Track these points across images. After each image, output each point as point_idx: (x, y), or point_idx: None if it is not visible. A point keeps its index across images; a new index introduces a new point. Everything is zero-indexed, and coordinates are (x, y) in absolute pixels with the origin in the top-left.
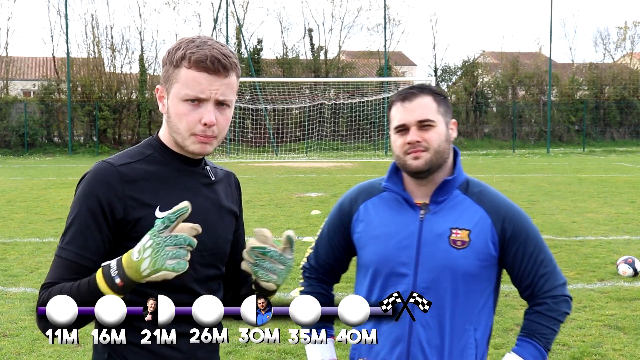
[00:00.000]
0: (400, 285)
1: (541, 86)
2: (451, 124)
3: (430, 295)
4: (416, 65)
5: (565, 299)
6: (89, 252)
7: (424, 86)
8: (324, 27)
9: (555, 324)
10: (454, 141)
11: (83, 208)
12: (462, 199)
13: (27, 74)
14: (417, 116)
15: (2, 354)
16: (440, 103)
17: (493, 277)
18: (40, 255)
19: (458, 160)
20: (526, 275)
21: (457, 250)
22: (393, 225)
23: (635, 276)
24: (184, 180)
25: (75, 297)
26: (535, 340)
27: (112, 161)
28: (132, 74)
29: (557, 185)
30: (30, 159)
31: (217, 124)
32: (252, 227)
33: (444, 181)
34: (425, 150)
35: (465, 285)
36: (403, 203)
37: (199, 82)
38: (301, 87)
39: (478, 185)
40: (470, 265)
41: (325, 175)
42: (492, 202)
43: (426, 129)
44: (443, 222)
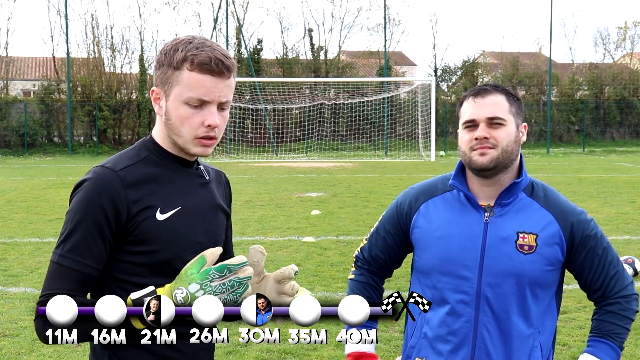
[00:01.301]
0: (462, 288)
1: (541, 86)
2: (522, 127)
3: (495, 300)
4: (416, 65)
5: (636, 297)
6: (92, 261)
7: (499, 85)
8: (324, 27)
9: (628, 323)
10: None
11: (86, 216)
12: (528, 202)
13: (27, 74)
14: (487, 113)
15: (2, 354)
16: (512, 103)
17: (557, 281)
18: (40, 255)
19: (523, 163)
20: (596, 278)
21: (525, 255)
22: (456, 226)
23: (635, 276)
24: (181, 181)
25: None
26: (610, 340)
27: (110, 166)
28: (132, 74)
29: (557, 185)
30: (30, 159)
31: (217, 126)
32: (252, 227)
33: (512, 183)
34: (492, 147)
35: (530, 289)
36: (467, 204)
37: (202, 84)
38: (301, 87)
39: (543, 188)
40: (536, 270)
41: (325, 175)
42: (559, 206)
43: (496, 126)
44: (509, 225)
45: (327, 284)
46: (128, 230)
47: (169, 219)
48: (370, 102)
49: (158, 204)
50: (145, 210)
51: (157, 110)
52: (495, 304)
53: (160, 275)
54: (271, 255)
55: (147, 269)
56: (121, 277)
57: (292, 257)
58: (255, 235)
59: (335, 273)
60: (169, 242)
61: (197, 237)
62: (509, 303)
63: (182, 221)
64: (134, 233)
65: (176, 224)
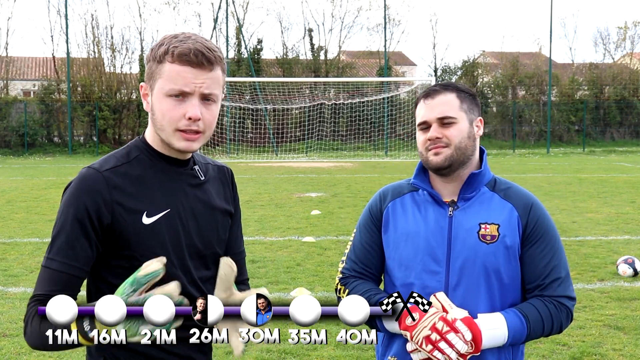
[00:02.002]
0: (431, 283)
1: (541, 86)
2: (477, 121)
3: (463, 292)
4: (416, 65)
5: (568, 315)
6: (78, 262)
7: (449, 84)
8: (324, 27)
9: (549, 322)
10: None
11: (70, 217)
12: (490, 196)
13: (27, 74)
14: (437, 113)
15: (2, 354)
16: (464, 100)
17: (520, 272)
18: (40, 255)
19: (484, 158)
20: (542, 271)
21: (487, 244)
22: (422, 223)
23: (635, 276)
24: (171, 182)
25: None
26: (522, 315)
27: (96, 167)
28: (132, 74)
29: (557, 185)
30: (30, 159)
31: (202, 119)
32: (252, 227)
33: (471, 175)
34: (446, 146)
35: (497, 281)
36: (431, 201)
37: (183, 75)
38: (301, 87)
39: (506, 183)
40: (500, 260)
41: (325, 175)
42: (518, 197)
43: (447, 126)
44: (472, 217)
45: (327, 284)
46: (113, 233)
47: (155, 222)
48: (370, 102)
49: (144, 207)
50: (131, 214)
51: (145, 106)
52: (463, 295)
53: None
54: (271, 255)
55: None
56: (111, 281)
57: (292, 257)
58: (255, 235)
59: (335, 273)
60: (154, 246)
61: (188, 240)
62: (478, 295)
63: (170, 224)
64: (120, 236)
65: (164, 227)
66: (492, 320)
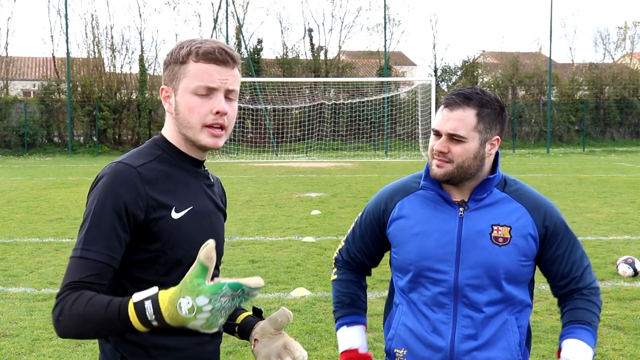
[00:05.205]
0: (440, 282)
1: (541, 86)
2: (492, 140)
3: (472, 292)
4: (416, 65)
5: (599, 292)
6: (114, 252)
7: (473, 95)
8: (324, 27)
9: (598, 312)
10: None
11: (108, 208)
12: (501, 197)
13: (27, 74)
14: (449, 128)
15: (2, 354)
16: (483, 118)
17: (530, 274)
18: (40, 255)
19: (498, 160)
20: (569, 268)
21: (500, 247)
22: (432, 222)
23: (635, 276)
24: (192, 181)
25: (100, 319)
26: (588, 326)
27: (129, 162)
28: (132, 74)
29: (557, 185)
30: (30, 159)
31: (227, 115)
32: (252, 227)
33: (485, 179)
34: (449, 162)
35: (507, 282)
36: (441, 201)
37: (209, 72)
38: (301, 87)
39: (515, 183)
40: (511, 262)
41: (325, 175)
42: (531, 199)
43: (455, 142)
44: (483, 219)
45: (327, 284)
46: (145, 227)
47: (182, 218)
48: (370, 102)
49: (173, 203)
50: (162, 208)
51: (167, 108)
52: (472, 296)
53: (172, 274)
54: (271, 255)
55: (160, 267)
56: (135, 275)
57: (292, 257)
58: (255, 235)
59: None
60: (182, 241)
61: (205, 237)
62: (486, 294)
63: (193, 221)
64: (151, 230)
65: (188, 223)
66: (579, 349)
